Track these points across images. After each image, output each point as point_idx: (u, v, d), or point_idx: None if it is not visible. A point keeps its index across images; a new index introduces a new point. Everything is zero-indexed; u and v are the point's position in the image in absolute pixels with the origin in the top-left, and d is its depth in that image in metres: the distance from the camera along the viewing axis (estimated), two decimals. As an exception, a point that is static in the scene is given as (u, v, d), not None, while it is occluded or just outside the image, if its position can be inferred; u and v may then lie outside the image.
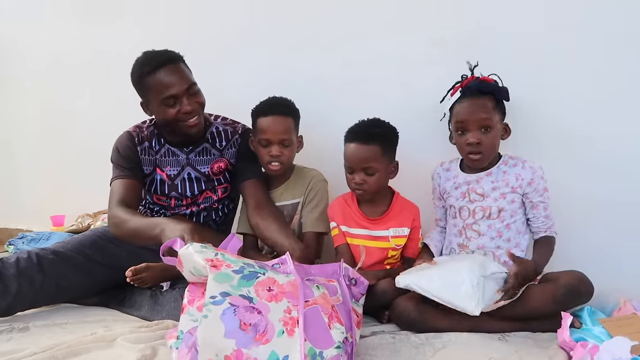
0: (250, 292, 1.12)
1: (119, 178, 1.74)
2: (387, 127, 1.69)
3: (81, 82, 2.54)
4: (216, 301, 1.08)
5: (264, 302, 1.12)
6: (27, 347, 1.31)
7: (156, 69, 1.64)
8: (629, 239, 1.69)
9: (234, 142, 1.84)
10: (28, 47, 2.71)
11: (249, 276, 1.15)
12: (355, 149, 1.64)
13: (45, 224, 2.57)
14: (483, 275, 1.40)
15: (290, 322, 1.11)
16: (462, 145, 1.61)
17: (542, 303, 1.45)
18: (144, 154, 1.79)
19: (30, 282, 1.56)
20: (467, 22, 1.81)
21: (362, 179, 1.64)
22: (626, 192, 1.69)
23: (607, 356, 1.20)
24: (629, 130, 1.66)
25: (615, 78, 1.66)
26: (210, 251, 1.19)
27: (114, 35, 2.41)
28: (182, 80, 1.66)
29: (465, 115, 1.58)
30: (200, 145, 1.81)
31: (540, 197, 1.60)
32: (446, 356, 1.31)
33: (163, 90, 1.64)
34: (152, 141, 1.80)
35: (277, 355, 1.06)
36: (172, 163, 1.80)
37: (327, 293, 1.23)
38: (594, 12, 1.66)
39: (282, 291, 1.16)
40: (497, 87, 1.62)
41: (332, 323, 1.16)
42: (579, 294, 1.45)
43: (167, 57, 1.66)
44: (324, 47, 2.02)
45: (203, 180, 1.81)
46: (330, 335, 1.13)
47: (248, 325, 1.07)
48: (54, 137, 2.68)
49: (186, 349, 1.08)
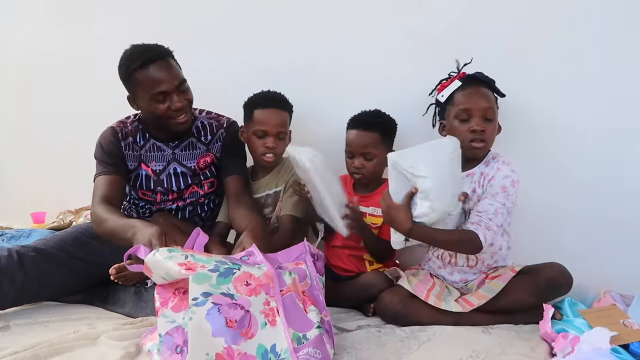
0: (230, 289, 1.13)
1: (102, 174, 1.72)
2: (386, 118, 1.78)
3: (61, 78, 2.49)
4: (198, 302, 1.08)
5: (245, 297, 1.13)
6: (8, 345, 1.29)
7: (146, 64, 1.61)
8: (609, 231, 1.73)
9: (220, 136, 1.83)
10: (5, 40, 2.65)
11: (225, 273, 1.15)
12: (356, 134, 1.74)
13: (25, 221, 2.53)
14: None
15: (271, 312, 1.14)
16: (464, 133, 1.54)
17: (523, 296, 1.49)
18: (128, 149, 1.77)
19: (11, 280, 1.54)
20: (454, 18, 1.83)
21: (360, 164, 1.73)
22: (607, 184, 1.72)
23: (587, 346, 1.23)
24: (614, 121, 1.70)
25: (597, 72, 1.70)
26: (179, 254, 1.17)
27: (94, 29, 2.37)
28: (173, 77, 1.64)
29: (470, 103, 1.55)
30: (186, 140, 1.80)
31: (492, 192, 1.51)
32: (431, 349, 1.32)
33: (153, 86, 1.62)
34: (137, 136, 1.78)
35: (265, 347, 1.08)
36: (157, 158, 1.78)
37: (297, 279, 1.25)
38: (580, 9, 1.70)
39: (259, 284, 1.16)
40: (493, 82, 1.63)
41: (307, 307, 1.19)
42: (559, 286, 1.49)
43: (158, 52, 1.64)
44: (309, 41, 2.01)
45: (189, 174, 1.80)
46: (308, 319, 1.17)
47: (234, 322, 1.08)
48: (34, 133, 2.64)
49: (169, 352, 1.08)
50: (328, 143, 1.84)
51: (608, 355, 1.19)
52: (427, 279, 1.63)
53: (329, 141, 1.85)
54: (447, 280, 1.65)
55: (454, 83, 1.62)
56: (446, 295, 1.54)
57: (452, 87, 1.61)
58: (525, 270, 1.55)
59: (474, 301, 1.50)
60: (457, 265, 1.62)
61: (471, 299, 1.51)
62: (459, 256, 1.61)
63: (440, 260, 1.66)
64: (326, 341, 1.16)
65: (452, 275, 1.64)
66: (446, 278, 1.65)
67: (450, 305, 1.50)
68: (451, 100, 1.60)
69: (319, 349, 1.12)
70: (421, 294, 1.52)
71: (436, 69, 1.72)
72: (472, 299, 1.52)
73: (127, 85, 1.69)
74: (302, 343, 1.11)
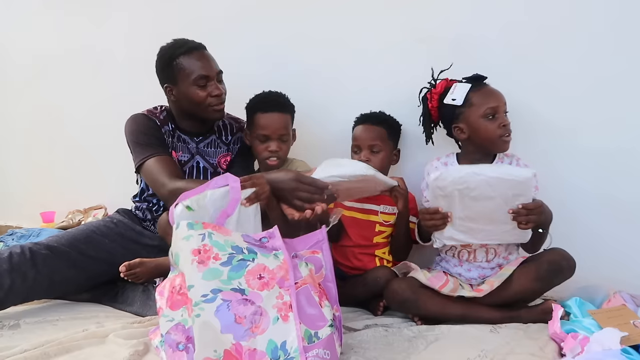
0: (242, 284, 1.12)
1: (154, 156, 1.66)
2: (391, 118, 1.84)
3: (69, 78, 2.51)
4: (208, 299, 1.08)
5: (256, 292, 1.12)
6: (18, 344, 1.30)
7: (191, 50, 1.71)
8: (618, 230, 1.72)
9: (238, 138, 1.88)
10: (13, 43, 2.67)
11: (237, 266, 1.14)
12: (363, 128, 1.79)
13: (35, 220, 2.55)
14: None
15: (284, 307, 1.12)
16: (494, 130, 1.59)
17: (527, 282, 1.51)
18: (167, 135, 1.77)
19: (23, 277, 1.54)
20: (454, 19, 1.83)
21: (367, 157, 1.74)
22: (615, 183, 1.71)
23: (597, 347, 1.22)
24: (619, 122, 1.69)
25: (601, 71, 1.69)
26: (197, 234, 1.15)
27: (100, 29, 2.38)
28: (214, 64, 1.74)
29: (495, 101, 1.60)
30: (209, 137, 1.84)
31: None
32: (439, 349, 1.31)
33: (197, 70, 1.69)
34: (168, 125, 1.79)
35: (275, 343, 1.07)
36: (183, 149, 1.81)
37: (313, 270, 1.23)
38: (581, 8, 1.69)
39: (272, 277, 1.15)
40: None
41: (322, 301, 1.16)
42: (561, 269, 1.50)
43: (199, 44, 1.75)
44: (312, 43, 2.02)
45: (210, 171, 1.82)
46: (322, 314, 1.14)
47: (243, 318, 1.07)
48: (43, 133, 2.65)
49: (171, 350, 1.07)
50: (335, 142, 1.86)
51: (618, 355, 1.17)
52: (440, 275, 1.63)
53: (336, 140, 1.88)
54: (465, 277, 1.65)
55: (464, 85, 1.64)
56: (460, 291, 1.56)
57: (464, 90, 1.63)
58: (529, 259, 1.57)
59: (485, 287, 1.53)
60: (476, 260, 1.63)
61: (482, 287, 1.55)
62: (477, 252, 1.62)
63: (457, 258, 1.66)
64: (335, 339, 1.14)
65: (470, 272, 1.64)
66: (463, 275, 1.65)
67: (464, 294, 1.53)
68: (468, 102, 1.62)
69: (329, 350, 1.10)
70: (434, 286, 1.53)
71: (445, 71, 1.73)
72: (483, 286, 1.56)
73: (167, 73, 1.73)
74: (313, 342, 1.10)
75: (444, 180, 1.46)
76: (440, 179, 1.46)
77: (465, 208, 1.48)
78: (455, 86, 1.66)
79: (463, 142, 1.71)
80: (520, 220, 1.46)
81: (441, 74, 1.73)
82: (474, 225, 1.50)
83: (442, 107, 1.69)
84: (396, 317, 1.59)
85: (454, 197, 1.47)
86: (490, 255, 1.62)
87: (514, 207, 1.45)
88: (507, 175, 1.43)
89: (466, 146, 1.71)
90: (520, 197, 1.45)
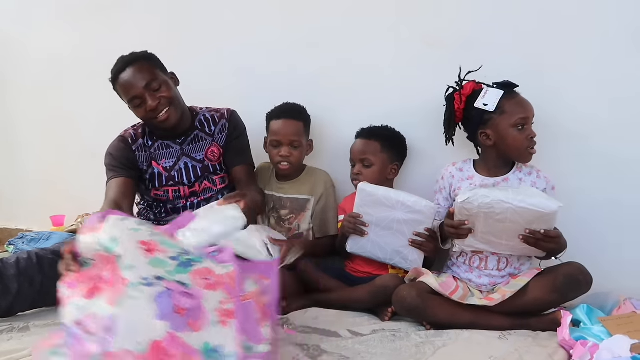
0: (185, 280, 1.08)
1: (112, 178, 1.77)
2: (390, 130, 1.85)
3: (83, 83, 2.53)
4: (149, 282, 1.01)
5: (200, 290, 1.07)
6: (27, 346, 1.31)
7: (118, 74, 1.70)
8: (629, 237, 1.70)
9: (223, 126, 1.88)
10: (27, 48, 2.70)
11: (185, 264, 1.12)
12: (356, 143, 1.83)
13: (45, 224, 2.57)
14: None
15: (225, 313, 1.07)
16: (522, 141, 1.57)
17: (543, 294, 1.48)
18: (139, 151, 1.82)
19: (30, 282, 1.56)
20: (465, 23, 1.82)
21: (358, 170, 1.79)
22: (626, 191, 1.69)
23: (607, 354, 1.21)
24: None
25: (614, 77, 1.68)
26: (146, 229, 1.14)
27: (114, 35, 2.41)
28: (139, 80, 1.68)
29: (525, 112, 1.57)
30: (192, 134, 1.86)
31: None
32: (447, 354, 1.31)
33: (126, 94, 1.71)
34: (145, 138, 1.84)
35: (210, 345, 1.01)
36: (166, 155, 1.83)
37: (259, 291, 1.18)
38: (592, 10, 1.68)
39: (218, 282, 1.11)
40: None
41: (263, 321, 1.13)
42: (578, 283, 1.48)
43: (126, 61, 1.71)
44: (323, 48, 2.02)
45: (199, 167, 1.84)
46: (260, 332, 1.11)
47: (184, 310, 1.01)
48: (54, 137, 2.68)
49: (77, 343, 0.97)
50: (345, 147, 1.87)
51: (628, 363, 1.17)
52: (450, 281, 1.62)
53: (345, 146, 1.88)
54: (475, 283, 1.63)
55: (496, 91, 1.60)
56: (469, 297, 1.55)
57: (497, 96, 1.59)
58: (545, 271, 1.55)
59: (496, 297, 1.50)
60: (488, 269, 1.62)
61: (493, 296, 1.53)
62: (489, 260, 1.61)
63: (468, 265, 1.65)
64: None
65: (480, 279, 1.63)
66: (473, 281, 1.64)
67: (474, 301, 1.51)
68: (499, 110, 1.58)
69: None
70: (445, 293, 1.52)
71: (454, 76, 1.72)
72: (495, 295, 1.54)
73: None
74: (251, 353, 1.04)
75: (471, 204, 1.44)
76: (467, 202, 1.44)
77: (488, 226, 1.47)
78: (486, 91, 1.62)
79: (486, 148, 1.66)
80: (530, 243, 1.45)
81: (468, 75, 1.68)
82: (496, 240, 1.50)
83: (470, 110, 1.65)
84: (404, 322, 1.57)
85: (479, 217, 1.46)
86: (502, 264, 1.61)
87: (531, 229, 1.44)
88: (534, 207, 1.41)
89: (488, 153, 1.66)
90: (543, 225, 1.44)
